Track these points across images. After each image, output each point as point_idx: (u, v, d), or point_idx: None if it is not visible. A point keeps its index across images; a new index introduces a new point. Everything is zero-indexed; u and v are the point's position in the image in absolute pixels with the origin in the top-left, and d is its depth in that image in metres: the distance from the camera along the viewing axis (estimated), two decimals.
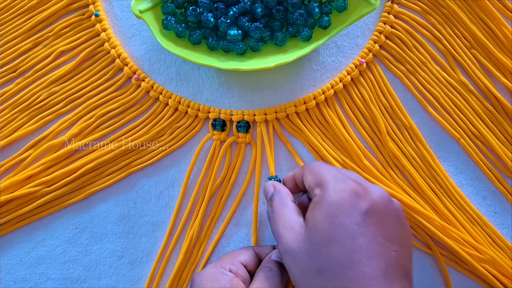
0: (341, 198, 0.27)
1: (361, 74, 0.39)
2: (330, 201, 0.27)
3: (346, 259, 0.26)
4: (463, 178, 0.38)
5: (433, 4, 0.39)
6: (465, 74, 0.39)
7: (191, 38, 0.36)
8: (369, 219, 0.27)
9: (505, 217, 0.37)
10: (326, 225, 0.27)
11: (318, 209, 0.28)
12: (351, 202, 0.27)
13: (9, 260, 0.37)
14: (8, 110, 0.39)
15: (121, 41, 0.40)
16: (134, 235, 0.37)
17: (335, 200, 0.27)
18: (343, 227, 0.26)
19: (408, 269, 0.27)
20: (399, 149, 0.38)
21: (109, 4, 0.41)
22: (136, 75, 0.39)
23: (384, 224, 0.27)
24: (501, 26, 0.38)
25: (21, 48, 0.40)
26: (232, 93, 0.39)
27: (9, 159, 0.38)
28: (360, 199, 0.27)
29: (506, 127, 0.38)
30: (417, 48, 0.39)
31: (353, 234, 0.26)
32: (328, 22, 0.36)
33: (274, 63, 0.35)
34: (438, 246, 0.36)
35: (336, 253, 0.26)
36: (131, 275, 0.37)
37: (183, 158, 0.38)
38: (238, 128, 0.38)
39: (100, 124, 0.39)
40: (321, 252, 0.27)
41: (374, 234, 0.26)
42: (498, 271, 0.35)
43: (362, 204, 0.27)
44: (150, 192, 0.38)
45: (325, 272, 0.26)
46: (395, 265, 0.26)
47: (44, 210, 0.37)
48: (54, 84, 0.39)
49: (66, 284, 0.37)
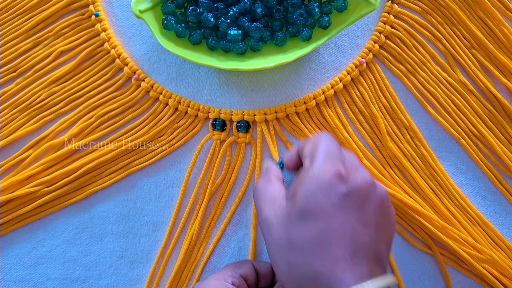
0: (323, 177, 0.27)
1: (361, 74, 0.39)
2: (312, 177, 0.28)
3: (316, 237, 0.26)
4: (463, 178, 0.38)
5: (433, 4, 0.39)
6: (465, 74, 0.39)
7: (191, 38, 0.36)
8: (347, 202, 0.27)
9: (505, 217, 0.37)
10: (304, 200, 0.27)
11: (300, 183, 0.28)
12: (332, 183, 0.27)
13: (9, 260, 0.37)
14: (8, 110, 0.39)
15: (121, 41, 0.40)
16: (134, 235, 0.37)
17: (317, 177, 0.27)
18: (319, 204, 0.27)
19: (383, 255, 0.27)
20: (399, 149, 0.38)
21: (109, 4, 0.41)
22: (136, 75, 0.39)
23: (363, 208, 0.27)
24: (501, 26, 0.38)
25: (21, 48, 0.40)
26: (232, 93, 0.39)
27: (9, 159, 0.38)
28: (342, 182, 0.27)
29: (506, 127, 0.38)
30: (417, 48, 0.39)
31: (327, 213, 0.27)
32: (328, 22, 0.36)
33: (274, 63, 0.35)
34: (438, 246, 0.36)
35: (308, 229, 0.27)
36: (131, 275, 0.37)
37: (183, 158, 0.38)
38: (238, 128, 0.38)
39: (100, 124, 0.39)
40: (294, 226, 0.27)
41: (348, 217, 0.27)
42: (498, 271, 0.35)
43: (342, 187, 0.27)
44: (150, 192, 0.38)
45: (294, 246, 0.27)
46: (366, 249, 0.26)
47: (44, 210, 0.37)
48: (54, 84, 0.39)
49: (66, 284, 0.37)
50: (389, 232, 0.29)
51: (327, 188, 0.27)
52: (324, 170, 0.28)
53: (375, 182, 0.28)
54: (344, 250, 0.26)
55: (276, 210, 0.29)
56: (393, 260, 0.36)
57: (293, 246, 0.27)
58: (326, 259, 0.26)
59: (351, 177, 0.28)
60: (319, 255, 0.26)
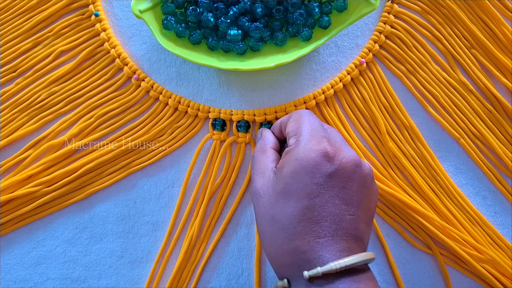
0: (308, 156, 0.28)
1: (361, 74, 0.39)
2: (297, 156, 0.28)
3: (298, 215, 0.27)
4: (463, 178, 0.38)
5: (433, 4, 0.39)
6: (465, 74, 0.39)
7: (191, 38, 0.36)
8: (331, 181, 0.27)
9: (505, 217, 0.37)
10: (289, 178, 0.28)
11: (286, 161, 0.29)
12: (317, 162, 0.27)
13: (9, 260, 0.37)
14: (8, 110, 0.39)
15: (121, 41, 0.40)
16: (134, 235, 0.37)
17: (302, 157, 0.28)
18: (303, 184, 0.27)
19: (363, 233, 0.28)
20: (399, 149, 0.38)
21: (109, 4, 0.41)
22: (136, 75, 0.39)
23: (346, 188, 0.28)
24: (501, 26, 0.38)
25: (21, 48, 0.40)
26: (232, 93, 0.39)
27: (9, 159, 0.38)
28: (327, 162, 0.28)
29: (506, 127, 0.38)
30: (417, 48, 0.39)
31: (311, 192, 0.27)
32: (328, 22, 0.36)
33: (274, 63, 0.35)
34: (438, 246, 0.36)
35: (291, 206, 0.27)
36: (131, 275, 0.37)
37: (183, 158, 0.38)
38: (238, 128, 0.38)
39: (100, 124, 0.39)
40: (279, 202, 0.28)
41: (332, 196, 0.27)
42: (498, 271, 0.35)
43: (327, 166, 0.27)
44: (150, 192, 0.38)
45: (277, 220, 0.28)
46: (347, 227, 0.27)
47: (44, 210, 0.37)
48: (54, 84, 0.39)
49: (66, 284, 0.37)
50: (371, 209, 0.29)
51: (312, 169, 0.27)
52: (309, 149, 0.28)
53: (360, 160, 0.29)
54: (325, 228, 0.26)
55: (265, 182, 0.29)
56: (393, 260, 0.36)
57: (276, 220, 0.28)
58: (306, 236, 0.26)
59: (337, 156, 0.28)
60: (299, 232, 0.27)
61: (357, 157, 0.29)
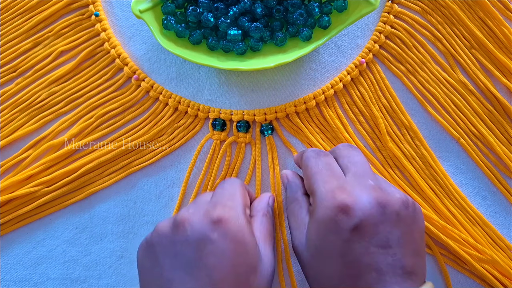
0: (327, 216, 0.27)
1: (361, 74, 0.39)
2: (318, 219, 0.27)
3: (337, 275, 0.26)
4: (463, 178, 0.38)
5: (433, 4, 0.39)
6: (465, 74, 0.39)
7: (191, 38, 0.36)
8: (358, 233, 0.26)
9: (505, 217, 0.37)
10: (317, 240, 0.27)
11: (312, 222, 0.28)
12: (337, 219, 0.26)
13: (9, 260, 0.37)
14: (8, 110, 0.39)
15: (121, 41, 0.40)
16: (134, 235, 0.37)
17: (322, 219, 0.27)
18: (332, 244, 0.26)
19: (413, 267, 0.26)
20: (399, 149, 0.38)
21: (109, 4, 0.41)
22: (136, 75, 0.39)
23: (377, 232, 0.26)
24: (501, 26, 0.38)
25: (21, 48, 0.40)
26: (232, 93, 0.39)
27: (9, 159, 0.38)
28: (346, 216, 0.26)
29: (506, 127, 0.38)
30: (417, 48, 0.39)
31: (342, 251, 0.26)
32: (328, 22, 0.36)
33: (274, 63, 0.35)
34: (438, 246, 0.36)
35: (328, 269, 0.27)
36: (131, 275, 0.37)
37: (183, 158, 0.38)
38: (238, 128, 0.38)
39: (100, 124, 0.39)
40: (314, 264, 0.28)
41: (365, 247, 0.26)
42: (498, 271, 0.35)
43: (348, 220, 0.26)
44: (150, 192, 0.38)
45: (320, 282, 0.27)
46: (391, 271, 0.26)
47: (44, 210, 0.37)
48: (54, 84, 0.39)
49: (66, 284, 0.37)
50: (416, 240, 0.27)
51: (334, 226, 0.26)
52: (325, 208, 0.27)
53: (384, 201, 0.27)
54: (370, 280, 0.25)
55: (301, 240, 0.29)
56: None
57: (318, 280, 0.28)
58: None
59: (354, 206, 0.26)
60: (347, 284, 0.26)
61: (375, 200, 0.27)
